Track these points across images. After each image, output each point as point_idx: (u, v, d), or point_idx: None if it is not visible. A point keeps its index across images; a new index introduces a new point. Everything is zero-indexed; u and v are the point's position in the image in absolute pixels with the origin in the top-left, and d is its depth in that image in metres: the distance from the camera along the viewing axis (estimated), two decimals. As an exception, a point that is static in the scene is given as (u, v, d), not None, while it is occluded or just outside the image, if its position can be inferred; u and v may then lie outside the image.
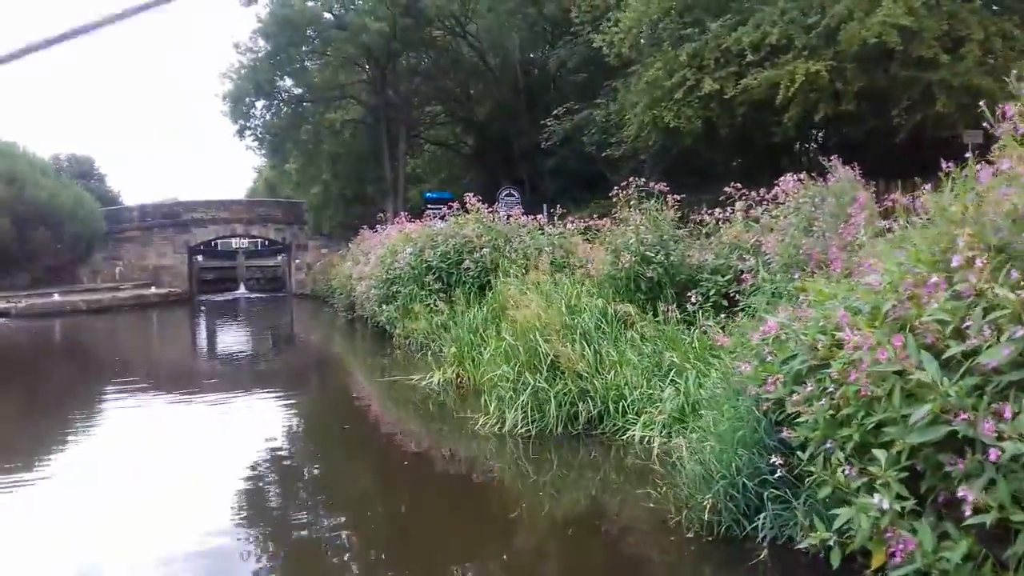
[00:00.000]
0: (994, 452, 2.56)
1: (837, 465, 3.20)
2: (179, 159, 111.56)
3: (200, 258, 36.57)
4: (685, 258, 8.55)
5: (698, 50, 14.81)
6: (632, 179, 9.24)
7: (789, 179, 7.24)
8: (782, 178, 7.37)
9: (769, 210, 7.48)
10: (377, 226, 19.93)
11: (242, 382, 11.94)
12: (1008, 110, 3.25)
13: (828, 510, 3.45)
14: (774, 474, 4.00)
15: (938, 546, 2.82)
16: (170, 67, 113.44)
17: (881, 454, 3.01)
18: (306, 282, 31.94)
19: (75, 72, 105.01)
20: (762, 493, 4.16)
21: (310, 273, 31.98)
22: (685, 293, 7.70)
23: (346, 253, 23.10)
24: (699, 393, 6.01)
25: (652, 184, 9.17)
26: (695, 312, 7.33)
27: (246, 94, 28.46)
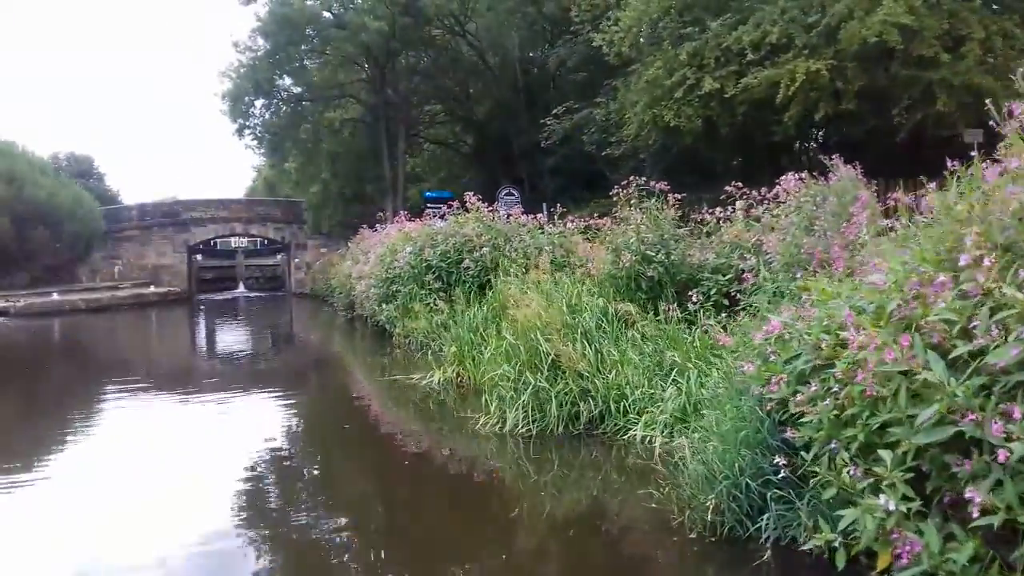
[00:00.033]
0: (1002, 453, 2.54)
1: (842, 466, 3.18)
2: (178, 158, 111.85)
3: (199, 257, 36.60)
4: (686, 257, 8.53)
5: (698, 49, 14.79)
6: (633, 178, 9.22)
7: (790, 178, 7.22)
8: (783, 177, 7.35)
9: (770, 209, 7.46)
10: (376, 225, 19.90)
11: (241, 381, 11.91)
12: (1015, 108, 3.23)
13: (832, 511, 3.43)
14: (777, 474, 3.98)
15: (944, 548, 2.80)
16: (169, 66, 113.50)
17: (887, 455, 2.98)
18: (305, 281, 31.92)
19: (74, 71, 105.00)
20: (765, 493, 4.13)
21: (309, 272, 31.96)
22: (686, 292, 7.69)
23: (345, 252, 23.08)
24: (701, 393, 5.99)
25: (653, 183, 9.14)
26: (696, 311, 7.31)
27: (245, 93, 28.47)
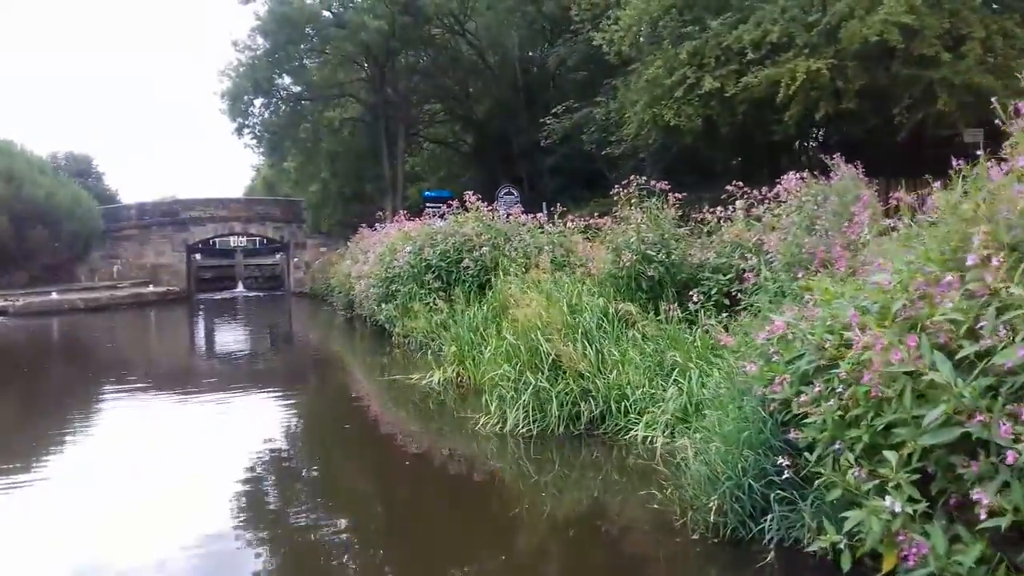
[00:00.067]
0: (1011, 455, 2.52)
1: (847, 467, 3.16)
2: (177, 157, 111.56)
3: (198, 256, 36.56)
4: (686, 257, 8.50)
5: (698, 48, 14.77)
6: (633, 177, 9.20)
7: (791, 177, 7.20)
8: (784, 176, 7.33)
9: (771, 208, 7.44)
10: (376, 224, 19.87)
11: (241, 381, 11.88)
12: (1022, 107, 3.20)
13: (836, 512, 3.41)
14: (780, 475, 3.96)
15: (950, 549, 2.78)
16: (169, 66, 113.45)
17: (892, 456, 2.96)
18: (304, 280, 31.89)
19: (74, 71, 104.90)
20: (768, 494, 4.11)
21: (308, 271, 31.92)
22: (686, 292, 7.66)
23: (345, 252, 23.04)
24: (702, 393, 5.96)
25: (653, 182, 9.12)
26: (697, 311, 7.29)
27: (244, 92, 28.41)
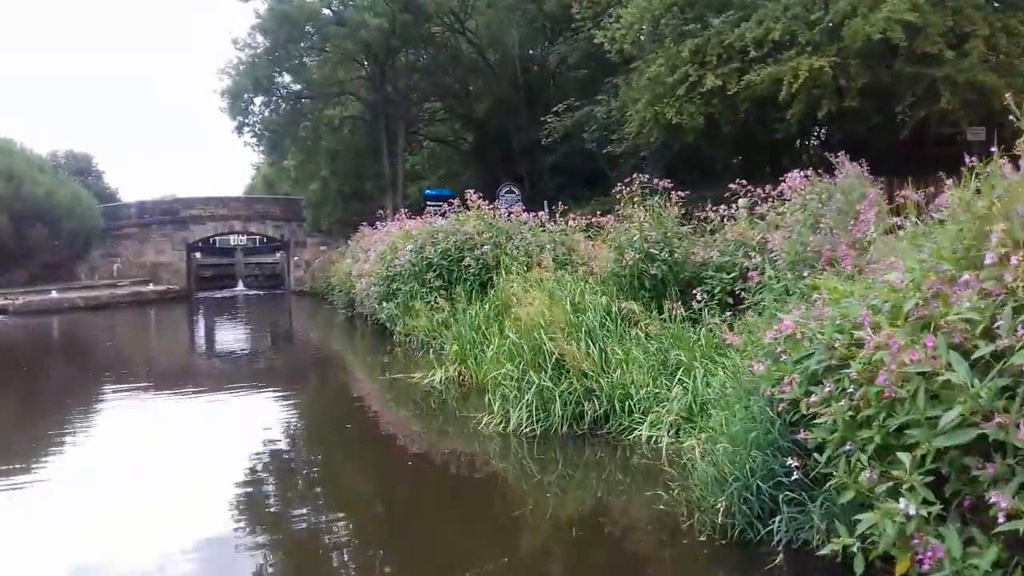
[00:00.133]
0: (1029, 457, 2.48)
1: (860, 468, 3.11)
2: (177, 156, 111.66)
3: (198, 255, 36.54)
4: (690, 255, 8.45)
5: (700, 46, 14.73)
6: (636, 175, 9.15)
7: (796, 175, 7.15)
8: (788, 174, 7.29)
9: (775, 207, 7.40)
10: (376, 223, 19.83)
11: (241, 380, 11.83)
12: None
13: (846, 514, 3.36)
14: (789, 476, 3.91)
15: (965, 552, 2.74)
16: (169, 65, 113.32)
17: (905, 457, 2.92)
18: (305, 279, 31.86)
19: (73, 70, 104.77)
20: (777, 496, 4.06)
21: (309, 270, 31.89)
22: (690, 291, 7.62)
23: (345, 250, 23.01)
24: (707, 392, 5.92)
25: (655, 181, 9.08)
26: (700, 310, 7.24)
27: (244, 90, 28.35)
